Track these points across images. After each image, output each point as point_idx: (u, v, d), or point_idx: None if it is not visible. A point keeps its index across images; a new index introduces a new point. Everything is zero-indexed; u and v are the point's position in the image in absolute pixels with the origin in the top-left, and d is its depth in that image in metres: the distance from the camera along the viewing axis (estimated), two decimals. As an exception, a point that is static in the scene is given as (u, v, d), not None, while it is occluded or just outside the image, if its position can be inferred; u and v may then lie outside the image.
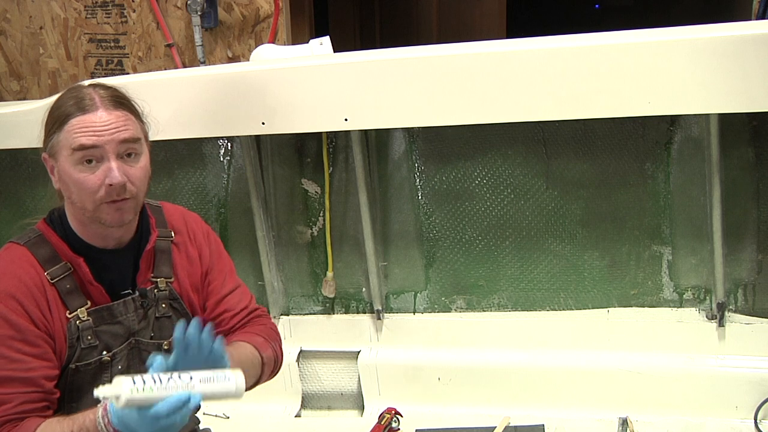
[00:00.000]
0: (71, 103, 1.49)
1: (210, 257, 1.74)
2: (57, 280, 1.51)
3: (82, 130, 1.47)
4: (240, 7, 3.00)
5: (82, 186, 1.48)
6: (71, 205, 1.53)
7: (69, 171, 1.48)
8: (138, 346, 1.61)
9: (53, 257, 1.52)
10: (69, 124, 1.47)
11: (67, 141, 1.47)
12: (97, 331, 1.54)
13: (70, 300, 1.52)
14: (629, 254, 2.39)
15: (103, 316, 1.55)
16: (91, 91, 1.51)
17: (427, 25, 5.05)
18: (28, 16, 3.15)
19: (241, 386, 1.35)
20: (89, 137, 1.47)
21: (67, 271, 1.52)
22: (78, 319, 1.52)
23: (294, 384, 2.55)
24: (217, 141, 2.54)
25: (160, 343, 1.63)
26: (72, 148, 1.47)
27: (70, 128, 1.47)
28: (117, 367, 1.57)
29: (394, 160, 2.47)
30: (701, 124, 2.24)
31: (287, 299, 2.64)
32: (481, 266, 2.49)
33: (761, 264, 2.32)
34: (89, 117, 1.48)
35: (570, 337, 2.41)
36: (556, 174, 2.38)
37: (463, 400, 2.42)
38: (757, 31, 1.96)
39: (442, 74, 2.12)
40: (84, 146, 1.47)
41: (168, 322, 1.65)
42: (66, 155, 1.48)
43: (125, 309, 1.58)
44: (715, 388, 2.27)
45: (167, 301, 1.65)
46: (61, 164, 1.49)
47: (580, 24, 3.32)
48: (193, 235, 1.73)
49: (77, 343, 1.52)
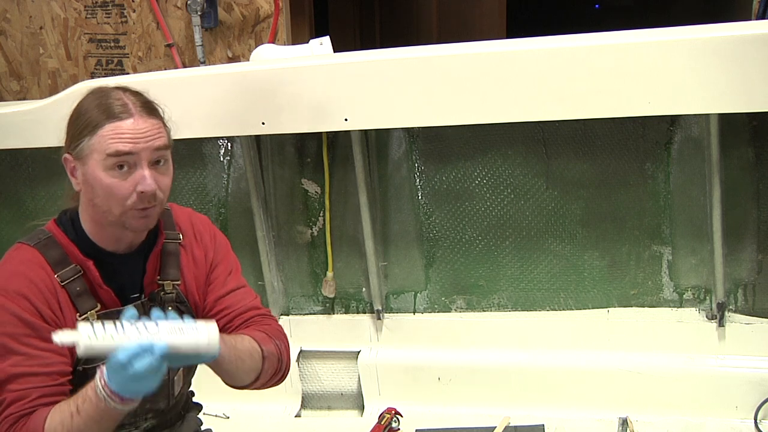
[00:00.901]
0: (104, 108, 1.48)
1: (214, 257, 1.73)
2: (67, 283, 1.50)
3: (118, 136, 1.47)
4: (240, 7, 3.00)
5: (113, 191, 1.48)
6: (91, 208, 1.52)
7: (99, 175, 1.48)
8: None
9: (63, 259, 1.51)
10: (103, 129, 1.46)
11: (100, 146, 1.46)
12: None
13: (80, 302, 1.51)
14: (629, 254, 2.39)
15: (112, 319, 1.55)
16: (122, 96, 1.50)
17: (427, 25, 5.05)
18: (28, 16, 3.15)
19: (214, 339, 1.30)
20: (125, 144, 1.47)
21: (78, 273, 1.52)
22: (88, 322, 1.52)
23: (294, 384, 2.55)
24: (217, 141, 2.54)
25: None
26: (107, 154, 1.46)
27: (105, 133, 1.46)
28: None
29: (394, 160, 2.47)
30: (701, 124, 2.24)
31: (287, 299, 2.64)
32: (481, 266, 2.48)
33: (761, 264, 2.32)
34: (125, 123, 1.48)
35: (570, 337, 2.41)
36: (556, 174, 2.38)
37: (463, 400, 2.42)
38: (757, 31, 1.96)
39: (442, 74, 2.12)
40: (120, 152, 1.47)
41: None
42: (97, 159, 1.47)
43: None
44: (715, 388, 2.27)
45: (174, 303, 1.64)
46: (90, 168, 1.48)
47: (580, 24, 3.32)
48: (200, 237, 1.73)
49: None
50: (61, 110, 1.55)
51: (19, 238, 1.56)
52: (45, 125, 2.30)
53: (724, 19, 2.12)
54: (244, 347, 1.56)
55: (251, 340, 1.60)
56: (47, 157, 2.54)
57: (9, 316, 1.45)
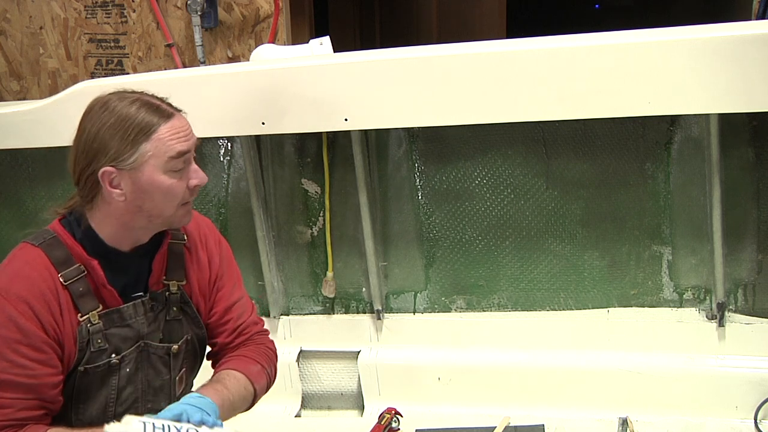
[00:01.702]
0: (150, 110, 1.47)
1: (220, 264, 1.74)
2: (70, 283, 1.50)
3: (176, 137, 1.47)
4: (240, 7, 3.01)
5: (173, 192, 1.49)
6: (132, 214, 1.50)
7: (158, 180, 1.47)
8: (147, 349, 1.61)
9: (67, 259, 1.51)
10: (159, 132, 1.46)
11: (160, 149, 1.46)
12: (107, 334, 1.54)
13: (82, 303, 1.51)
14: (629, 254, 2.39)
15: (113, 319, 1.55)
16: (150, 98, 1.50)
17: (427, 25, 5.05)
18: (28, 16, 3.15)
19: None
20: (183, 143, 1.48)
21: (81, 273, 1.51)
22: (89, 323, 1.52)
23: (294, 384, 2.55)
24: (217, 141, 2.54)
25: (168, 347, 1.63)
26: (170, 156, 1.46)
27: (162, 136, 1.46)
28: (125, 370, 1.58)
29: (394, 160, 2.47)
30: (701, 124, 2.24)
31: (287, 299, 2.64)
32: (481, 266, 2.49)
33: (761, 264, 2.32)
34: (175, 123, 1.49)
35: (570, 337, 2.41)
36: (556, 174, 2.38)
37: (463, 400, 2.42)
38: (757, 31, 1.96)
39: (442, 74, 2.12)
40: (182, 152, 1.48)
41: (178, 325, 1.65)
42: (157, 164, 1.46)
43: (135, 312, 1.58)
44: (715, 388, 2.27)
45: (178, 304, 1.65)
46: (146, 174, 1.46)
47: (580, 24, 3.31)
48: (205, 240, 1.73)
49: (87, 346, 1.52)
50: (61, 110, 1.54)
51: (19, 238, 1.56)
52: (45, 125, 2.30)
53: (724, 19, 2.12)
54: (238, 395, 1.64)
55: (246, 383, 1.67)
56: (47, 157, 2.54)
57: (5, 319, 1.45)
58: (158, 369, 1.63)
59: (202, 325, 1.71)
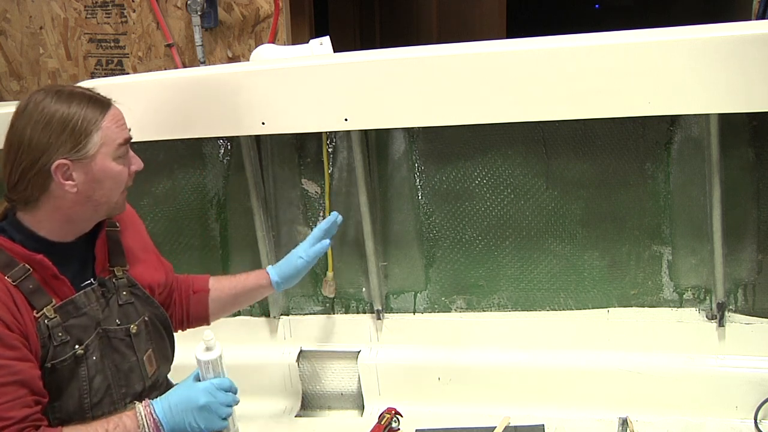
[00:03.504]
0: (90, 102, 1.52)
1: (147, 237, 1.87)
2: (19, 282, 1.51)
3: (118, 125, 1.55)
4: (240, 7, 3.01)
5: (120, 178, 1.57)
6: (80, 205, 1.55)
7: (109, 167, 1.54)
8: (107, 335, 1.63)
9: (10, 261, 1.52)
10: (105, 120, 1.52)
11: (109, 137, 1.52)
12: (67, 327, 1.55)
13: (35, 300, 1.52)
14: (629, 254, 2.39)
15: (68, 310, 1.56)
16: (84, 90, 1.55)
17: (427, 25, 5.06)
18: (28, 16, 3.15)
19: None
20: (125, 130, 1.57)
21: (27, 272, 1.52)
22: (46, 318, 1.53)
23: (294, 384, 2.55)
24: (217, 141, 2.54)
25: (127, 328, 1.67)
26: (118, 144, 1.54)
27: (109, 124, 1.52)
28: (92, 359, 1.59)
29: (394, 160, 2.47)
30: (701, 124, 2.24)
31: (287, 299, 2.64)
32: (481, 266, 2.49)
33: (761, 264, 2.32)
34: (115, 112, 1.56)
35: (570, 337, 2.41)
36: (556, 174, 2.38)
37: (463, 400, 2.42)
38: (757, 31, 1.96)
39: (442, 74, 2.12)
40: (127, 139, 1.56)
41: (131, 308, 1.69)
42: (106, 152, 1.52)
43: (88, 300, 1.60)
44: (715, 388, 2.27)
45: (127, 288, 1.69)
46: (98, 163, 1.52)
47: (580, 24, 3.32)
48: (130, 219, 1.80)
49: (49, 341, 1.53)
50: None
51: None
52: (45, 125, 2.30)
53: (724, 19, 2.12)
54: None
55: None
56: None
57: None
58: (122, 352, 1.65)
59: (156, 304, 1.75)
